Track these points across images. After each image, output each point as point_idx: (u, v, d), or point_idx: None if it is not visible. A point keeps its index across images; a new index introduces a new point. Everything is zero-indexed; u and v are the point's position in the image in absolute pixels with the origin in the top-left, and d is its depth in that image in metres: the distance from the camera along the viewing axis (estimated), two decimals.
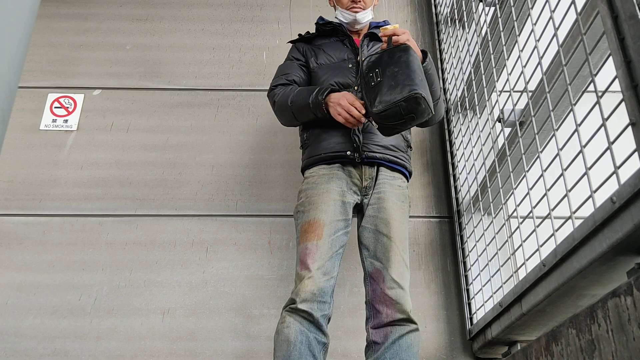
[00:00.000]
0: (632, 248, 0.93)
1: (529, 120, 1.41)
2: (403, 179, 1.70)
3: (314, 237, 1.50)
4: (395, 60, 1.47)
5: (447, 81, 2.24)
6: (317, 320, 1.41)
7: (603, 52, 1.12)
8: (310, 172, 1.66)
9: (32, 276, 1.98)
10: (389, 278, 1.48)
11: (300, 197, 1.63)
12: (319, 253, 1.48)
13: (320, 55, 1.81)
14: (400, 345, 1.41)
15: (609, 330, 0.89)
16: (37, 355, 1.84)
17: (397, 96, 1.39)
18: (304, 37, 1.90)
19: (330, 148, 1.64)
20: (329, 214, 1.54)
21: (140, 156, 2.23)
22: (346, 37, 1.83)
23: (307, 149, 1.71)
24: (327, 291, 1.45)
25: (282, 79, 1.77)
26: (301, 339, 1.37)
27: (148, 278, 1.98)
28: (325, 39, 1.87)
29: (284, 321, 1.41)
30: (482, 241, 1.78)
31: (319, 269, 1.46)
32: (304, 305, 1.40)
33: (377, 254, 1.53)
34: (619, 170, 0.94)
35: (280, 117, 1.77)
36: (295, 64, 1.82)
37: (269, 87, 1.80)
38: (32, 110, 2.31)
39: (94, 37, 2.50)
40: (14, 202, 2.12)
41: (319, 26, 1.89)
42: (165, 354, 1.85)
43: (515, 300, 1.38)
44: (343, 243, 1.55)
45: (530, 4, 1.41)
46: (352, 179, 1.63)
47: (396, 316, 1.44)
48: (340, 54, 1.79)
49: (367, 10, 1.83)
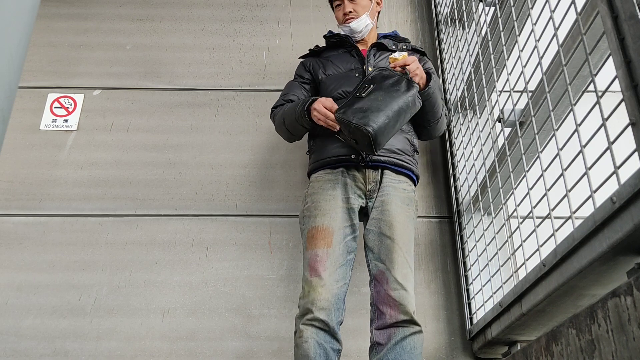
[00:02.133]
0: (632, 248, 0.93)
1: (529, 120, 1.41)
2: (409, 182, 1.71)
3: (323, 244, 1.53)
4: (389, 93, 1.53)
5: (447, 81, 2.24)
6: (332, 328, 1.44)
7: (603, 52, 1.12)
8: (316, 177, 1.69)
9: (32, 276, 1.98)
10: (392, 279, 1.50)
11: (307, 202, 1.66)
12: (329, 260, 1.51)
13: (329, 66, 1.86)
14: (403, 347, 1.43)
15: (609, 330, 0.89)
16: (37, 355, 1.84)
17: (357, 120, 1.47)
18: (312, 52, 1.97)
19: (334, 152, 1.67)
20: (337, 221, 1.57)
21: (140, 156, 2.23)
22: (353, 48, 1.87)
23: (313, 154, 1.75)
24: (340, 297, 1.49)
25: (280, 101, 1.86)
26: (320, 352, 1.41)
27: (148, 278, 1.98)
28: (334, 50, 1.92)
29: (301, 335, 1.43)
30: (482, 241, 1.78)
31: (330, 276, 1.48)
32: (321, 314, 1.43)
33: (381, 256, 1.55)
34: (619, 170, 0.94)
35: (281, 135, 1.86)
36: (296, 83, 1.88)
37: (271, 108, 1.88)
38: (32, 110, 2.31)
39: (94, 37, 2.50)
40: (14, 202, 2.12)
41: (327, 39, 1.95)
42: (165, 354, 1.85)
43: (515, 300, 1.38)
44: (353, 249, 1.59)
45: (530, 4, 1.41)
46: (356, 183, 1.65)
47: (399, 317, 1.45)
48: (348, 64, 1.83)
49: (361, 18, 1.87)
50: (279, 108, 1.82)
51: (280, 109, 1.80)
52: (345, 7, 1.87)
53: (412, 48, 1.94)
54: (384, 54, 1.85)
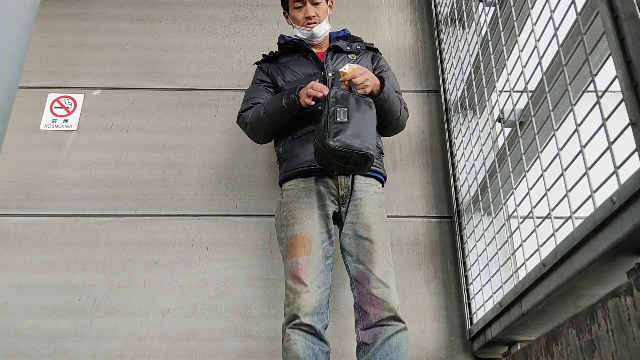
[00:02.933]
0: (632, 248, 0.93)
1: (529, 120, 1.41)
2: (378, 185, 1.74)
3: (303, 252, 1.56)
4: (362, 110, 1.55)
5: (447, 81, 2.24)
6: (319, 331, 1.48)
7: (603, 52, 1.12)
8: (289, 185, 1.70)
9: (32, 276, 1.98)
10: (373, 278, 1.53)
11: (282, 210, 1.67)
12: (310, 267, 1.54)
13: (287, 72, 1.85)
14: (389, 346, 1.46)
15: (609, 330, 0.89)
16: (37, 355, 1.84)
17: (357, 146, 1.47)
18: (268, 58, 1.94)
19: (306, 162, 1.67)
20: (315, 228, 1.60)
21: (140, 156, 2.23)
22: (309, 52, 1.86)
23: (284, 163, 1.75)
24: (324, 302, 1.52)
25: (248, 104, 1.83)
26: (309, 354, 1.44)
27: (148, 278, 1.98)
28: (289, 56, 1.90)
29: (289, 339, 1.46)
30: (482, 241, 1.78)
31: (313, 282, 1.52)
32: (307, 319, 1.46)
33: (360, 257, 1.58)
34: (619, 170, 0.94)
35: (255, 134, 1.81)
36: (260, 87, 1.86)
37: (237, 113, 1.85)
38: (32, 110, 2.31)
39: (94, 37, 2.50)
40: (14, 202, 2.12)
41: (281, 45, 1.92)
42: (165, 354, 1.85)
43: (515, 300, 1.38)
44: (330, 254, 1.62)
45: (530, 4, 1.41)
46: (329, 190, 1.67)
47: (384, 315, 1.48)
48: (306, 69, 1.83)
49: (323, 23, 1.87)
50: (248, 111, 1.80)
51: (250, 112, 1.78)
52: (308, 10, 1.84)
53: (366, 47, 1.94)
54: (340, 56, 1.85)
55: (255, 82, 1.90)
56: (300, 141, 1.72)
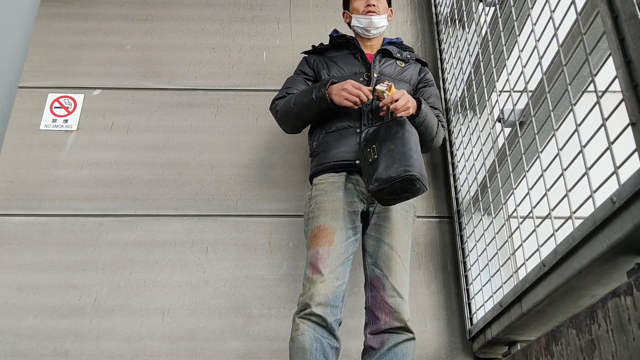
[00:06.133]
0: (632, 248, 0.93)
1: (529, 120, 1.41)
2: None
3: (325, 242, 1.53)
4: (392, 135, 1.52)
5: (447, 81, 2.24)
6: (330, 325, 1.43)
7: (603, 52, 1.12)
8: (319, 179, 1.69)
9: (32, 276, 1.98)
10: (389, 286, 1.52)
11: (310, 204, 1.67)
12: (330, 258, 1.51)
13: (333, 67, 1.85)
14: (395, 353, 1.45)
15: (609, 330, 0.89)
16: (37, 355, 1.84)
17: (393, 175, 1.43)
18: (316, 49, 1.94)
19: (338, 157, 1.67)
20: (339, 221, 1.57)
21: (140, 156, 2.23)
22: (358, 51, 1.87)
23: (317, 157, 1.74)
24: (339, 296, 1.48)
25: (282, 92, 1.84)
26: (316, 346, 1.40)
27: (148, 278, 1.98)
28: (338, 51, 1.90)
29: (297, 328, 1.43)
30: (482, 241, 1.78)
31: (331, 274, 1.48)
32: (318, 309, 1.42)
33: (379, 262, 1.57)
34: (619, 170, 0.94)
35: (284, 123, 1.82)
36: (300, 78, 1.87)
37: (272, 100, 1.86)
38: (32, 110, 2.31)
39: (94, 37, 2.50)
40: (14, 202, 2.12)
41: (333, 39, 1.93)
42: (165, 354, 1.85)
43: (515, 300, 1.38)
44: (354, 250, 1.59)
45: (530, 4, 1.41)
46: (359, 188, 1.66)
47: (394, 324, 1.48)
48: (352, 67, 1.83)
49: (383, 17, 1.87)
50: (281, 100, 1.81)
51: (283, 100, 1.79)
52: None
53: (416, 58, 1.94)
54: (388, 60, 1.85)
55: (297, 73, 1.91)
56: (335, 136, 1.71)
